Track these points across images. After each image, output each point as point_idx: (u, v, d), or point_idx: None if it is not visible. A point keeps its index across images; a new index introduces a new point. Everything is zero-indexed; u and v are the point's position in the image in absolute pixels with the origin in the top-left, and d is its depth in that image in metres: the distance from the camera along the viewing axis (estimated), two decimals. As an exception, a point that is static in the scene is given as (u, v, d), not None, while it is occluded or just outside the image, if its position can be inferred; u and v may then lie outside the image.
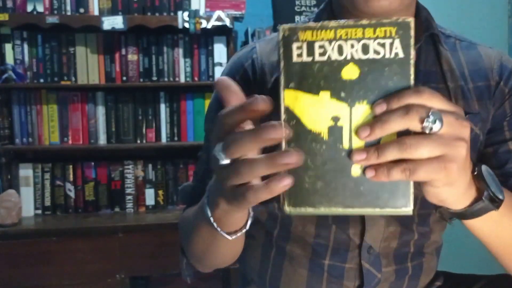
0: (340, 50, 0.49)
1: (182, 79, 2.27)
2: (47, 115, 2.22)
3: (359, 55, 0.48)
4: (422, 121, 0.46)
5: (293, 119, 0.50)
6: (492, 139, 0.80)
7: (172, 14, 2.18)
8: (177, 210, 2.26)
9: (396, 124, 0.47)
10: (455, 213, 0.60)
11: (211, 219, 0.59)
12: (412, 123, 0.46)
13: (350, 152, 0.49)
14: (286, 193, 0.50)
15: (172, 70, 2.26)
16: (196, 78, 2.27)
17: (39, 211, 2.23)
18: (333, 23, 0.49)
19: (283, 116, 0.50)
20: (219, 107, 0.82)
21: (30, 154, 2.29)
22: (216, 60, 2.27)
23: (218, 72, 2.25)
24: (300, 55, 0.49)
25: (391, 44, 0.48)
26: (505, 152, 0.78)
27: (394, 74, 0.48)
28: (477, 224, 0.62)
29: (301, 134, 0.49)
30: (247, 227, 0.62)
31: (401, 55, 0.48)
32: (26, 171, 2.22)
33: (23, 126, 2.20)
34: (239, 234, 0.61)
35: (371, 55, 0.48)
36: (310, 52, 0.49)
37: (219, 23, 2.15)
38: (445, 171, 0.47)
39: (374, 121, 0.47)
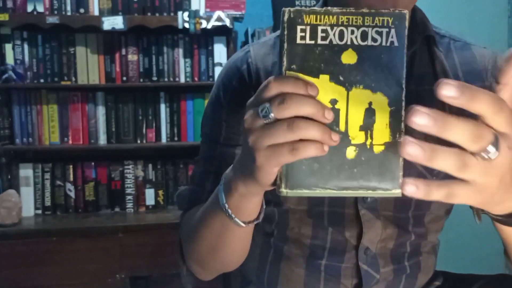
0: (341, 35, 0.50)
1: (182, 79, 2.27)
2: (47, 115, 2.22)
3: (358, 41, 0.50)
4: (481, 150, 0.43)
5: None
6: None
7: (172, 14, 2.18)
8: (177, 210, 2.25)
9: (456, 136, 0.42)
10: (488, 213, 0.57)
11: (226, 205, 0.61)
12: (472, 146, 0.42)
13: (345, 134, 0.50)
14: (283, 174, 0.52)
15: (172, 70, 2.26)
16: (196, 78, 2.27)
17: (39, 211, 2.23)
18: (336, 9, 0.50)
19: None
20: (216, 112, 0.83)
21: (30, 154, 2.29)
22: (216, 60, 2.27)
23: (218, 72, 2.25)
24: (303, 37, 0.50)
25: (388, 33, 0.50)
26: None
27: (389, 61, 0.50)
28: (507, 230, 0.60)
29: None
30: (260, 218, 0.63)
31: (396, 43, 0.50)
32: (26, 171, 2.22)
33: (23, 126, 2.20)
34: (252, 224, 0.63)
35: (369, 42, 0.50)
36: (313, 35, 0.50)
37: (219, 23, 2.15)
38: (477, 197, 0.46)
39: (434, 115, 0.42)
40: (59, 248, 2.02)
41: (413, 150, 0.43)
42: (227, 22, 2.15)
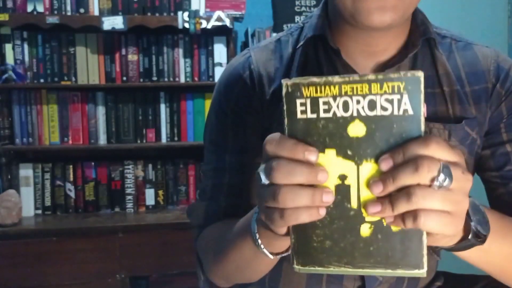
0: (346, 106, 0.46)
1: (182, 79, 2.27)
2: (47, 115, 2.22)
3: (366, 111, 0.46)
4: (432, 179, 0.45)
5: None
6: (489, 141, 0.79)
7: (172, 14, 2.18)
8: (177, 210, 2.26)
9: (407, 180, 0.45)
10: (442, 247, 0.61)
11: (257, 238, 0.59)
12: (422, 180, 0.45)
13: (358, 211, 0.48)
14: (295, 251, 0.50)
15: (172, 70, 2.26)
16: (196, 78, 2.27)
17: (39, 211, 2.23)
18: (337, 78, 0.46)
19: None
20: (220, 120, 0.82)
21: (30, 154, 2.29)
22: (216, 60, 2.27)
23: (218, 72, 2.25)
24: (304, 111, 0.47)
25: (400, 100, 0.45)
26: (503, 154, 0.78)
27: (403, 131, 0.45)
28: (465, 255, 0.62)
29: None
30: (290, 251, 0.61)
31: (410, 111, 0.45)
32: (26, 171, 2.22)
33: (23, 126, 2.20)
34: (280, 256, 0.61)
35: (378, 111, 0.46)
36: (315, 108, 0.47)
37: (219, 23, 2.15)
38: (452, 226, 0.47)
39: (384, 176, 0.46)
40: (59, 248, 2.02)
41: (374, 209, 0.47)
42: (227, 22, 2.15)
